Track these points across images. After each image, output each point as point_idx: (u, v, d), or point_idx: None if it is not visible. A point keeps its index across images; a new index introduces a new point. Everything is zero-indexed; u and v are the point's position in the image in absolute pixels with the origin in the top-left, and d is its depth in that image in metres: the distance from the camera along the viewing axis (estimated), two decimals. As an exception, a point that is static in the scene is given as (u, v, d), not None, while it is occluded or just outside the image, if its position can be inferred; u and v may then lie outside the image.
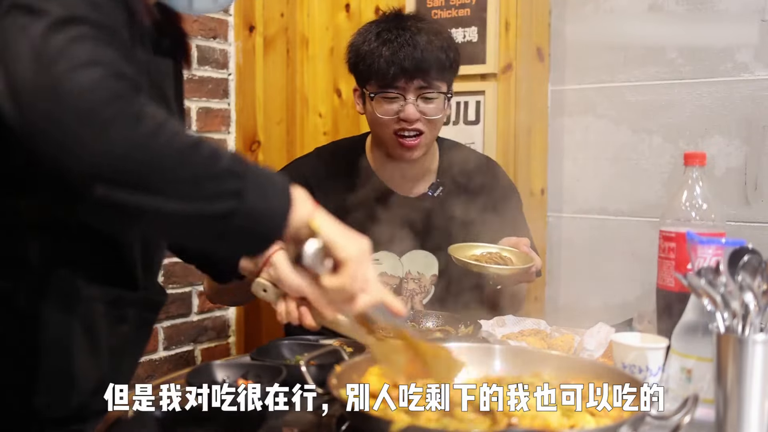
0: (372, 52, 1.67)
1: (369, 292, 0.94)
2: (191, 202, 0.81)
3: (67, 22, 0.80)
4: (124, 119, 0.78)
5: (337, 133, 2.57)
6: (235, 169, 0.83)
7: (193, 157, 0.81)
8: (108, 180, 0.78)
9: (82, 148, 0.77)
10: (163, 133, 0.80)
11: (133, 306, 1.08)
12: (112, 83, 0.79)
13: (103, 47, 0.81)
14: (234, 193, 0.82)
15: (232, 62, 2.73)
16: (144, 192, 0.79)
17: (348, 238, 0.93)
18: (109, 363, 1.06)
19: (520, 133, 2.28)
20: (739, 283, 0.95)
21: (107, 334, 1.04)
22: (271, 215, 0.86)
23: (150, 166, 0.79)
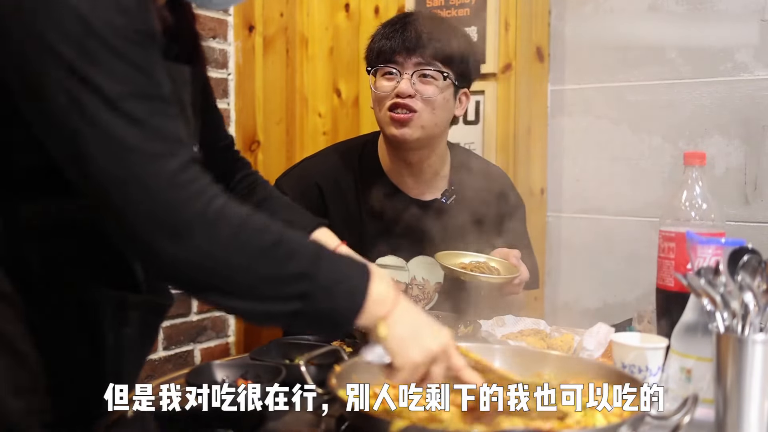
0: (377, 35, 1.71)
1: (426, 383, 0.95)
2: (261, 303, 0.87)
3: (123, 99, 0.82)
4: (203, 224, 0.82)
5: (337, 133, 2.57)
6: (308, 271, 0.87)
7: (267, 260, 0.86)
8: (185, 285, 0.87)
9: (161, 254, 0.82)
10: (240, 235, 0.85)
11: (137, 308, 1.08)
12: (185, 177, 0.83)
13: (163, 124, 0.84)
14: (300, 295, 0.87)
15: (232, 62, 2.73)
16: (215, 292, 0.86)
17: (411, 346, 0.92)
18: (112, 365, 1.06)
19: (520, 133, 2.28)
20: (739, 283, 0.95)
21: (110, 336, 1.04)
22: (337, 316, 0.90)
23: (221, 270, 0.84)
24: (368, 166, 1.79)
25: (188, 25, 1.13)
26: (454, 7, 2.34)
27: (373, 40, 1.73)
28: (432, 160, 1.76)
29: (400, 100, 1.65)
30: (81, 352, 1.02)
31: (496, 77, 2.29)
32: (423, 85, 1.66)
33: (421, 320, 0.95)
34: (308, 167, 1.83)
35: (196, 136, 1.14)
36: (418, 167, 1.76)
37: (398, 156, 1.75)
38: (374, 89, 1.69)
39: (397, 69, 1.66)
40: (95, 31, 0.81)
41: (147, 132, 0.82)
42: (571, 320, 1.84)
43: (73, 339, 1.01)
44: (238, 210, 0.86)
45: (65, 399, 1.01)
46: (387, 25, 1.72)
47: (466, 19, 2.32)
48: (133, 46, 0.84)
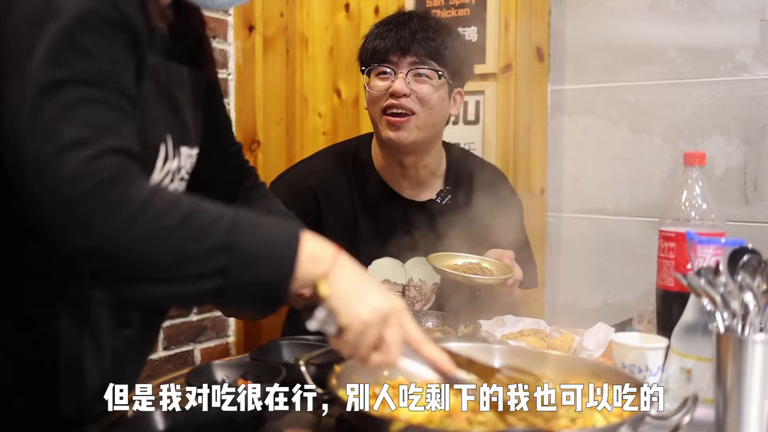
0: (371, 34, 1.71)
1: (384, 352, 0.88)
2: (178, 285, 0.81)
3: (61, 84, 0.81)
4: (102, 210, 0.78)
5: (337, 133, 2.57)
6: (223, 242, 0.81)
7: (177, 238, 0.80)
8: (95, 270, 0.83)
9: (71, 239, 0.79)
10: (144, 217, 0.80)
11: (137, 310, 1.08)
12: (95, 166, 0.79)
13: (95, 112, 0.82)
14: (220, 270, 0.81)
15: (232, 62, 2.73)
16: (130, 280, 0.81)
17: (357, 302, 0.86)
18: (112, 365, 1.06)
19: (520, 133, 2.28)
20: (739, 283, 0.95)
21: (110, 337, 1.04)
22: (266, 286, 0.83)
23: (130, 256, 0.79)
24: (362, 168, 1.78)
25: (193, 27, 1.12)
26: (454, 7, 2.34)
27: (366, 40, 1.72)
28: (427, 161, 1.74)
29: (394, 100, 1.63)
30: (81, 352, 1.02)
31: (496, 77, 2.29)
32: (418, 84, 1.64)
33: (367, 279, 0.89)
34: (302, 171, 1.82)
35: (197, 137, 1.13)
36: (413, 168, 1.74)
37: (393, 157, 1.73)
38: (368, 89, 1.68)
39: (391, 68, 1.65)
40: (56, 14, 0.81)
41: (70, 117, 0.80)
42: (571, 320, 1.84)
43: (74, 339, 1.01)
44: (145, 190, 0.81)
45: (65, 399, 1.01)
46: (380, 25, 1.71)
47: (466, 19, 2.32)
48: (88, 32, 0.83)
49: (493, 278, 1.57)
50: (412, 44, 1.64)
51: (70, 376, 1.01)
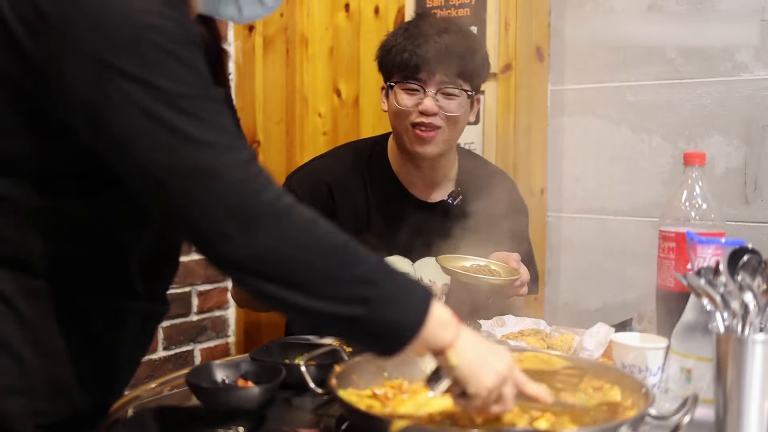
0: (397, 46, 1.68)
1: (502, 404, 0.93)
2: (323, 302, 0.85)
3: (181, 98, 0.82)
4: (273, 215, 0.83)
5: (337, 133, 2.57)
6: (373, 276, 0.87)
7: (336, 259, 0.85)
8: (250, 273, 0.84)
9: (228, 243, 0.81)
10: (312, 230, 0.85)
11: (134, 314, 1.08)
12: (255, 169, 0.83)
13: (222, 121, 0.85)
14: (364, 300, 0.85)
15: (232, 62, 2.73)
16: (281, 285, 0.84)
17: (483, 373, 0.91)
18: (108, 367, 1.06)
19: (520, 133, 2.28)
20: (739, 283, 0.95)
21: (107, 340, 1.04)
22: (397, 329, 0.87)
23: (291, 261, 0.84)
24: (378, 168, 1.80)
25: (216, 43, 1.13)
26: (454, 7, 2.34)
27: (391, 51, 1.70)
28: (442, 164, 1.78)
29: (424, 118, 1.66)
30: (78, 354, 1.01)
31: (496, 77, 2.29)
32: (446, 101, 1.67)
33: (484, 343, 0.94)
34: (318, 166, 1.84)
35: None
36: (430, 170, 1.78)
37: (411, 162, 1.77)
38: (396, 103, 1.69)
39: (420, 86, 1.66)
40: (147, 37, 0.82)
41: (209, 127, 0.83)
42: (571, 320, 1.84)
43: (70, 342, 1.00)
44: (307, 210, 0.86)
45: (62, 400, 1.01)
46: (407, 36, 1.69)
47: (466, 19, 2.32)
48: (184, 48, 0.85)
49: (501, 279, 1.59)
50: (442, 63, 1.64)
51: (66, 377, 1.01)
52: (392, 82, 1.69)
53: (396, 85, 1.68)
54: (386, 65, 1.72)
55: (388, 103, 1.73)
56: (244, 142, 0.86)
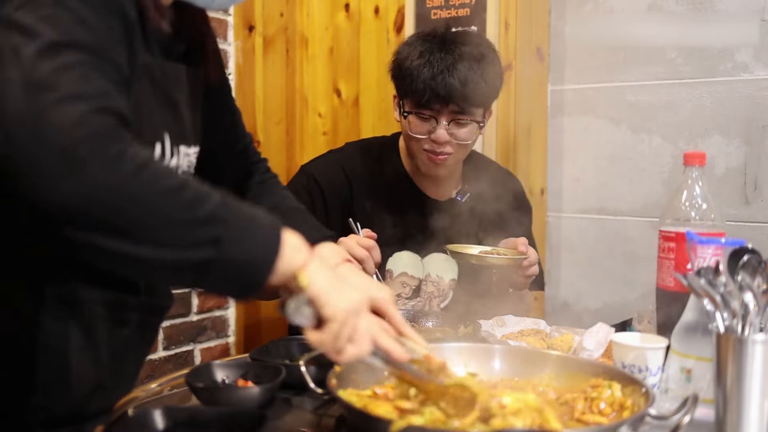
0: (412, 71, 1.66)
1: (357, 344, 0.90)
2: (166, 249, 0.79)
3: (58, 46, 0.79)
4: (100, 160, 0.76)
5: (337, 133, 2.57)
6: (218, 215, 0.80)
7: (172, 202, 0.79)
8: (78, 221, 0.77)
9: (55, 187, 0.75)
10: (141, 175, 0.77)
11: (135, 310, 1.08)
12: (95, 120, 0.77)
13: (92, 76, 0.80)
14: (212, 241, 0.79)
15: (232, 62, 2.73)
16: (115, 235, 0.77)
17: (335, 294, 0.87)
18: (109, 365, 1.06)
19: (520, 133, 2.29)
20: (739, 283, 0.95)
21: (107, 337, 1.04)
22: (253, 265, 0.82)
23: (122, 209, 0.77)
24: (389, 166, 1.83)
25: (196, 27, 1.13)
26: (454, 7, 2.34)
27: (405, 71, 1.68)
28: (451, 169, 1.81)
29: (436, 147, 1.68)
30: (79, 352, 1.02)
31: (496, 77, 2.29)
32: (458, 129, 1.68)
33: (337, 271, 0.92)
34: (336, 157, 1.87)
35: (196, 135, 1.13)
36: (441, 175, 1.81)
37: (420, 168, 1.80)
38: (409, 130, 1.70)
39: (433, 116, 1.67)
40: None
41: (70, 76, 0.78)
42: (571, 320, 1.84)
43: (72, 339, 1.01)
44: (144, 153, 0.80)
45: (64, 398, 1.01)
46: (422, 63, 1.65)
47: (465, 19, 2.32)
48: (84, 5, 0.82)
49: (508, 258, 1.61)
50: (454, 95, 1.63)
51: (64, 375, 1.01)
52: (405, 112, 1.70)
53: (409, 113, 1.69)
54: (401, 86, 1.72)
55: (401, 121, 1.75)
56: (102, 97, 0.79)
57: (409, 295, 1.78)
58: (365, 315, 0.91)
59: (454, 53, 1.65)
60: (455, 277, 1.80)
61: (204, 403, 1.09)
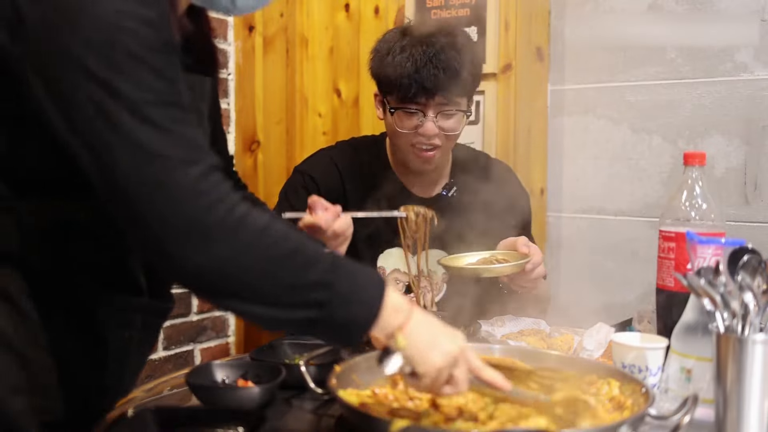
0: (395, 67, 1.65)
1: (454, 386, 0.96)
2: (279, 309, 0.88)
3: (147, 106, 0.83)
4: (226, 230, 0.83)
5: (337, 133, 2.57)
6: (325, 279, 0.88)
7: (287, 267, 0.87)
8: (204, 287, 0.87)
9: (186, 259, 0.82)
10: (261, 241, 0.86)
11: (138, 311, 1.08)
12: (208, 184, 0.83)
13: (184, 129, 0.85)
14: (318, 303, 0.87)
15: (232, 62, 2.73)
16: (235, 297, 0.87)
17: (430, 353, 0.93)
18: (111, 367, 1.06)
19: (520, 133, 2.28)
20: (739, 282, 0.95)
21: (110, 339, 1.04)
22: (353, 326, 0.90)
23: (242, 276, 0.85)
24: (378, 164, 1.82)
25: (206, 35, 1.13)
26: (454, 7, 2.34)
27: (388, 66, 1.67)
28: (439, 164, 1.80)
29: (424, 140, 1.68)
30: (82, 353, 1.02)
31: (496, 77, 2.29)
32: (445, 121, 1.68)
33: (437, 326, 0.96)
34: (328, 154, 1.86)
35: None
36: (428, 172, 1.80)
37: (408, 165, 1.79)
38: (395, 126, 1.69)
39: (419, 109, 1.66)
40: (120, 41, 0.82)
41: (170, 138, 0.83)
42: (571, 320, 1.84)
43: (75, 340, 1.01)
44: (259, 218, 0.87)
45: (66, 399, 1.01)
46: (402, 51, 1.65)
47: (466, 19, 2.32)
48: (156, 55, 0.85)
49: (510, 264, 1.55)
50: (440, 86, 1.63)
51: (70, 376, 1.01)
52: (392, 108, 1.69)
53: (395, 109, 1.68)
54: (383, 82, 1.71)
55: (386, 118, 1.74)
56: (203, 154, 0.86)
57: (402, 291, 1.78)
58: (462, 362, 0.95)
59: (434, 45, 1.65)
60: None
61: (204, 403, 1.09)
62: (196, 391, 1.10)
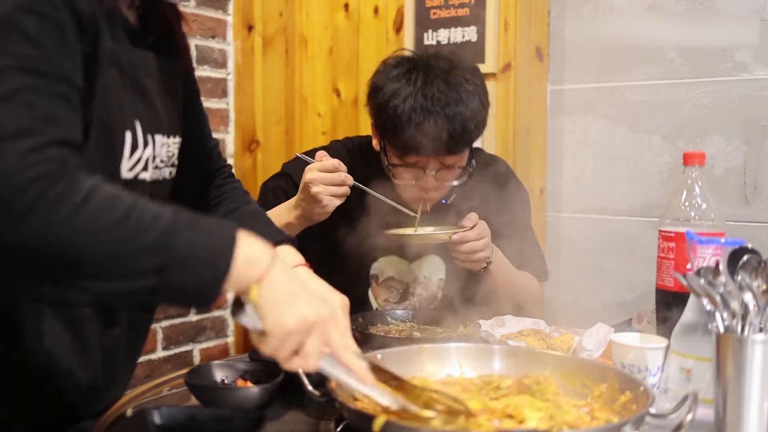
0: (395, 117, 1.57)
1: (304, 358, 0.88)
2: (112, 282, 0.80)
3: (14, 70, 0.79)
4: (41, 206, 0.76)
5: (336, 133, 2.57)
6: (161, 242, 0.80)
7: (114, 235, 0.79)
8: (27, 268, 0.79)
9: (4, 232, 0.76)
10: (82, 213, 0.78)
11: (125, 309, 1.07)
12: (38, 159, 0.77)
13: (36, 102, 0.80)
14: (157, 269, 0.80)
15: (231, 62, 2.73)
16: (64, 272, 0.79)
17: (283, 311, 0.86)
18: (101, 366, 1.05)
19: (520, 133, 2.29)
20: (739, 282, 0.95)
21: (98, 338, 1.04)
22: (199, 288, 0.83)
23: (66, 252, 0.78)
24: (375, 169, 1.75)
25: (163, 15, 1.10)
26: (453, 7, 2.34)
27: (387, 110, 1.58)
28: None
29: (424, 193, 1.62)
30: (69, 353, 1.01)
31: (496, 77, 2.29)
32: (446, 172, 1.62)
33: (301, 285, 0.89)
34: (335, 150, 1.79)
35: (174, 125, 1.11)
36: None
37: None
38: (395, 178, 1.64)
39: (420, 167, 1.61)
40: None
41: (13, 107, 0.78)
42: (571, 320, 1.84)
43: (62, 340, 1.00)
44: (84, 187, 0.79)
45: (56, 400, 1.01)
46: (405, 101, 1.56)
47: (465, 19, 2.32)
48: (30, 16, 0.81)
49: (434, 233, 1.59)
50: (443, 146, 1.55)
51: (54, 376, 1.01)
52: (391, 164, 1.64)
53: (395, 166, 1.63)
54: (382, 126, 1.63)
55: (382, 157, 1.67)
56: (47, 127, 0.80)
57: (396, 299, 1.76)
58: (317, 333, 0.88)
59: (440, 98, 1.55)
60: (443, 276, 1.77)
61: (203, 403, 1.09)
62: (195, 391, 1.10)
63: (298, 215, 1.56)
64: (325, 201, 1.51)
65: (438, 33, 2.38)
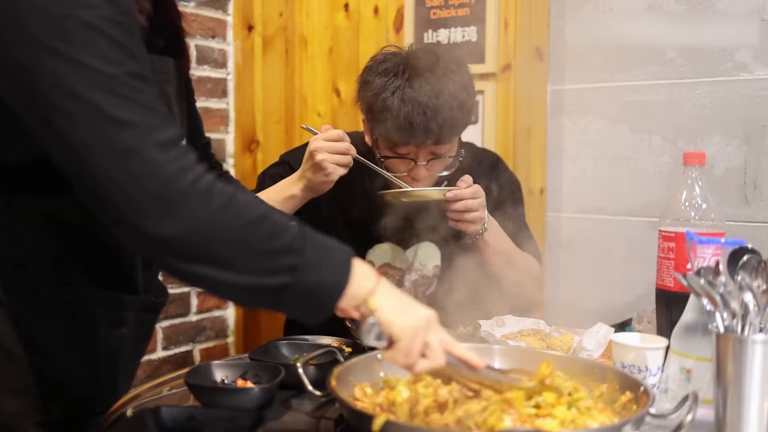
0: (384, 111, 1.60)
1: (430, 357, 0.95)
2: (250, 276, 0.86)
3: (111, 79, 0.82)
4: (196, 195, 0.82)
5: (337, 133, 2.56)
6: (295, 245, 0.88)
7: (257, 233, 0.87)
8: (174, 255, 0.84)
9: (150, 226, 0.81)
10: (231, 207, 0.85)
11: (133, 309, 1.07)
12: (176, 152, 0.83)
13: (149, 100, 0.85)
14: (290, 268, 0.87)
15: (231, 62, 2.73)
16: (207, 264, 0.85)
17: (403, 314, 0.93)
18: (107, 364, 1.06)
19: (520, 133, 2.28)
20: (739, 282, 0.95)
21: (105, 337, 1.04)
22: (324, 290, 0.90)
23: (215, 241, 0.84)
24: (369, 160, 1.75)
25: (171, 19, 1.12)
26: (454, 7, 2.34)
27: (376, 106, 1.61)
28: None
29: (415, 183, 1.65)
30: (76, 352, 1.02)
31: (496, 77, 2.29)
32: (436, 162, 1.65)
33: (405, 295, 0.96)
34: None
35: (184, 127, 1.14)
36: None
37: None
38: (386, 170, 1.66)
39: (411, 159, 1.64)
40: (74, 14, 0.81)
41: (135, 106, 0.82)
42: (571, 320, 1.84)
43: (68, 339, 1.01)
44: (225, 187, 0.87)
45: (61, 398, 1.01)
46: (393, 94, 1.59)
47: (465, 19, 2.32)
48: (115, 27, 0.84)
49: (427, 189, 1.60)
50: (432, 134, 1.58)
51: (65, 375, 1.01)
52: (382, 156, 1.66)
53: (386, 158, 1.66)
54: (372, 120, 1.66)
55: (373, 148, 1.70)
56: (169, 122, 0.86)
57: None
58: (435, 329, 0.95)
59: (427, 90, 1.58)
60: (438, 263, 1.78)
61: (203, 404, 1.09)
62: (195, 391, 1.10)
63: (303, 186, 1.60)
64: (329, 169, 1.55)
65: (438, 33, 2.38)
